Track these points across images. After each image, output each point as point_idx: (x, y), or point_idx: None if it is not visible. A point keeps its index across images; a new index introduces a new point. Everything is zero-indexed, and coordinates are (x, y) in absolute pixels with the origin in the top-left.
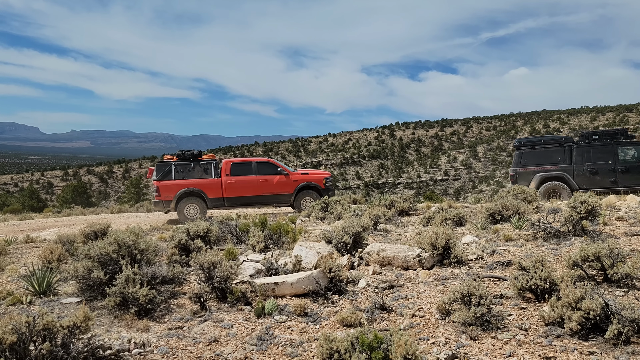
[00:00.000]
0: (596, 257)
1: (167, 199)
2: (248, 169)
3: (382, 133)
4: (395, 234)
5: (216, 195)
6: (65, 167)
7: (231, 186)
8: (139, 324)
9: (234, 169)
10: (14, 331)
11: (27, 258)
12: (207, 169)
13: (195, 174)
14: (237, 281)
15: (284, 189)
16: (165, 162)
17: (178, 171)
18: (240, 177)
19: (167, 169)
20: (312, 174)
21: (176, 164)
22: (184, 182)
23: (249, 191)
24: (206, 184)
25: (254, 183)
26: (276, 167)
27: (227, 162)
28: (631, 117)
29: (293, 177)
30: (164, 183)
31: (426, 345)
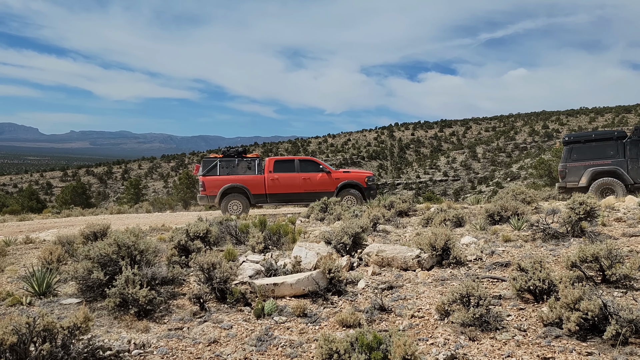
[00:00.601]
0: (595, 258)
1: (211, 194)
2: (291, 167)
3: (381, 134)
4: (395, 235)
5: (259, 192)
6: (64, 168)
7: (274, 183)
8: (139, 324)
9: (276, 166)
10: (15, 332)
11: (26, 259)
12: (251, 166)
13: (239, 170)
14: (236, 282)
15: (325, 187)
16: (210, 159)
17: (223, 167)
18: (282, 174)
19: (212, 165)
20: (354, 173)
21: (221, 160)
22: (228, 178)
23: (291, 188)
24: (249, 180)
25: (296, 180)
26: (318, 164)
27: (271, 159)
28: (630, 117)
29: (335, 175)
30: (209, 178)
31: (425, 346)
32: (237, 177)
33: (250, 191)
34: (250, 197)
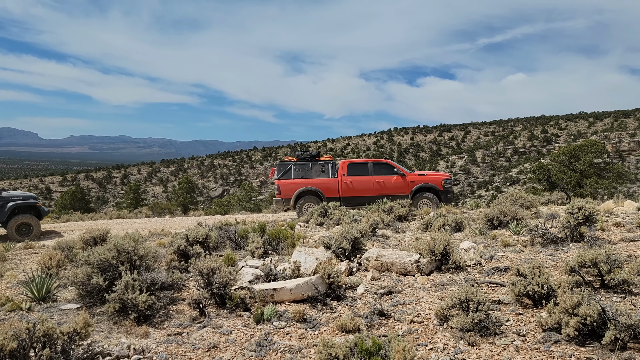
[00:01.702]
0: (593, 263)
1: (286, 197)
2: (364, 169)
3: (380, 138)
4: (394, 240)
5: (332, 195)
6: (63, 173)
7: (347, 186)
8: (138, 330)
9: (350, 169)
10: (15, 337)
11: (26, 264)
12: (325, 169)
13: (313, 173)
14: (236, 287)
15: (400, 189)
16: (285, 162)
17: (297, 170)
18: (356, 177)
19: (287, 169)
20: (430, 175)
21: (295, 163)
22: (302, 182)
23: (364, 191)
24: (323, 183)
25: (370, 183)
26: (392, 167)
27: (344, 162)
28: (629, 122)
29: (410, 178)
30: (284, 182)
31: (424, 351)
32: (311, 181)
33: (324, 194)
34: (324, 200)
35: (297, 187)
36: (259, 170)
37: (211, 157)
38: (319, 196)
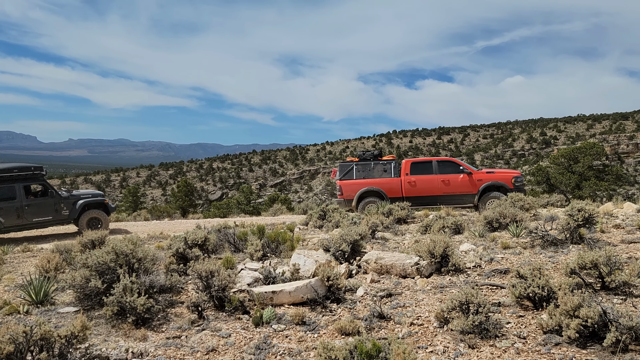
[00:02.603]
0: (594, 264)
1: (348, 197)
2: (428, 168)
3: (379, 141)
4: (393, 242)
5: (396, 195)
6: (62, 176)
7: (411, 186)
8: (137, 333)
9: (413, 168)
10: (11, 341)
11: (24, 267)
12: (387, 169)
13: (375, 173)
14: (235, 290)
15: (466, 188)
16: (347, 162)
17: (359, 170)
18: (420, 177)
19: (349, 169)
20: (499, 173)
21: (357, 164)
22: (364, 182)
23: (429, 190)
24: (385, 183)
25: (434, 182)
26: (458, 166)
27: (407, 161)
28: (627, 124)
29: (477, 176)
30: (345, 182)
31: (424, 354)
32: (373, 181)
33: (387, 194)
34: (387, 200)
35: (359, 187)
36: (257, 173)
37: (210, 160)
38: (381, 196)
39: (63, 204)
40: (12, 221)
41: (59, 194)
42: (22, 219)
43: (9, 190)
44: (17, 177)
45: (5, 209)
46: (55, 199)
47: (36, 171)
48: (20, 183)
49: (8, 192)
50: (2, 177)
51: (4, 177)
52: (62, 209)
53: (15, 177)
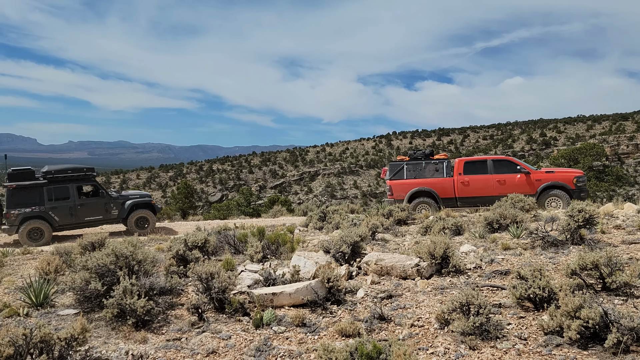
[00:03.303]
0: (594, 265)
1: (398, 197)
2: (483, 168)
3: (379, 142)
4: (394, 244)
5: (448, 195)
6: None
7: (464, 186)
8: (137, 335)
9: (467, 168)
10: (11, 344)
11: (24, 270)
12: (439, 168)
13: (426, 173)
14: (235, 292)
15: (523, 188)
16: (397, 162)
17: (409, 170)
18: (474, 176)
19: (399, 169)
20: (560, 173)
21: (408, 163)
22: (416, 182)
23: (483, 191)
24: (437, 183)
25: (489, 182)
26: (515, 165)
27: (460, 160)
28: (627, 125)
29: (535, 175)
30: (395, 182)
31: (425, 355)
32: (424, 181)
33: (439, 195)
34: (439, 200)
35: (410, 187)
36: (257, 174)
37: (210, 162)
38: (433, 197)
39: (113, 204)
40: (66, 220)
41: (109, 194)
42: (75, 218)
43: (63, 191)
44: (71, 177)
45: (60, 208)
46: (106, 199)
47: (88, 172)
48: (74, 183)
49: (62, 192)
50: (57, 178)
51: (58, 178)
52: (111, 208)
53: (68, 178)
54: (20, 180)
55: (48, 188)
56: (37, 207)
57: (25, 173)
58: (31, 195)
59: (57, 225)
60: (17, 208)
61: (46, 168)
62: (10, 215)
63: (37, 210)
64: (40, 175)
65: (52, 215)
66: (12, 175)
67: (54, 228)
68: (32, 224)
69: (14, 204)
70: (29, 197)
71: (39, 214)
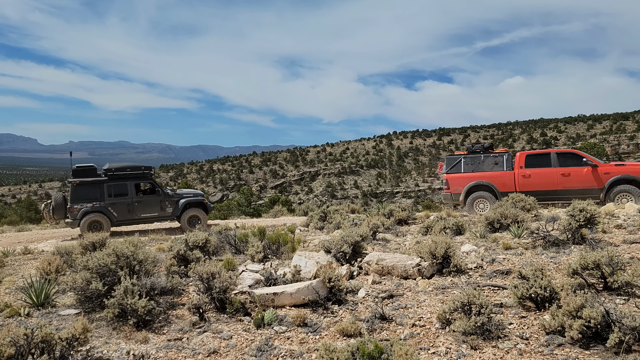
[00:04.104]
0: (596, 265)
1: (455, 192)
2: (546, 161)
3: (380, 142)
4: (394, 243)
5: (508, 190)
6: (63, 178)
7: (525, 179)
8: (138, 335)
9: (529, 161)
10: (12, 343)
11: (25, 270)
12: (498, 162)
13: (485, 166)
14: (236, 292)
15: (590, 182)
16: (454, 156)
17: (467, 164)
18: (536, 170)
19: (456, 162)
20: (631, 166)
21: (465, 157)
22: (473, 175)
23: (546, 185)
24: (497, 177)
25: (552, 176)
26: (581, 157)
27: (522, 153)
28: (628, 125)
29: (603, 169)
30: (452, 176)
31: (427, 355)
32: (483, 174)
33: (498, 189)
34: (498, 195)
35: (467, 181)
36: (258, 174)
37: (210, 162)
38: (492, 191)
39: (168, 202)
40: (124, 216)
41: (164, 192)
42: (132, 214)
43: (122, 188)
44: (129, 175)
45: (118, 204)
46: (161, 197)
47: (146, 170)
48: (132, 181)
49: (121, 189)
50: (117, 175)
51: (118, 175)
52: (166, 206)
53: (127, 176)
54: (83, 176)
55: (108, 185)
56: (98, 202)
57: (88, 170)
58: (92, 191)
59: (115, 220)
60: (79, 203)
61: (107, 165)
62: (73, 210)
63: (97, 206)
64: (101, 172)
65: (111, 211)
66: (76, 172)
67: (113, 223)
68: (92, 218)
69: (77, 199)
70: (91, 192)
71: (99, 209)
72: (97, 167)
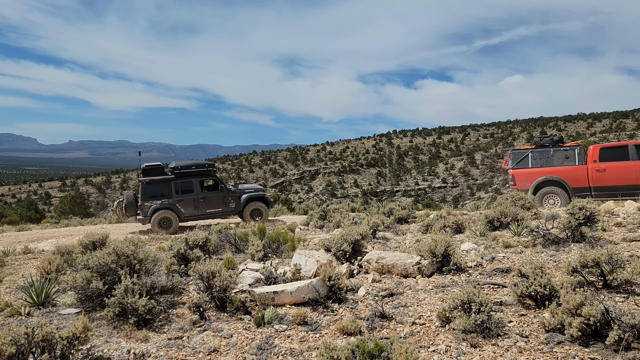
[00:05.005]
0: (595, 263)
1: (523, 188)
2: (624, 154)
3: (379, 141)
4: (394, 242)
5: (580, 185)
6: (63, 178)
7: (600, 174)
8: (138, 334)
9: (603, 155)
10: (13, 343)
11: (25, 269)
12: (569, 156)
13: (554, 160)
14: (236, 290)
15: None
16: (521, 150)
17: (535, 158)
18: (612, 164)
19: (523, 157)
20: None
21: (533, 151)
22: (542, 170)
23: (624, 180)
24: (568, 171)
25: (631, 170)
26: None
27: (596, 146)
28: (628, 123)
29: None
30: (519, 171)
31: (427, 353)
32: (552, 169)
33: (570, 184)
34: (570, 190)
35: (536, 176)
36: (258, 174)
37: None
38: (562, 186)
39: (231, 197)
40: (190, 211)
41: (227, 188)
42: (198, 210)
43: (188, 185)
44: (194, 172)
45: (185, 200)
46: (225, 192)
47: (209, 168)
48: (197, 178)
49: (187, 186)
50: (183, 173)
51: (184, 173)
52: (229, 201)
53: (192, 173)
54: (152, 175)
55: (175, 182)
56: (166, 199)
57: (156, 169)
58: (161, 188)
59: (182, 216)
60: (149, 200)
61: (173, 164)
62: (144, 207)
63: (166, 203)
64: (168, 170)
65: (179, 207)
66: (145, 171)
67: (181, 219)
68: (161, 215)
69: (147, 196)
70: (159, 190)
71: (167, 206)
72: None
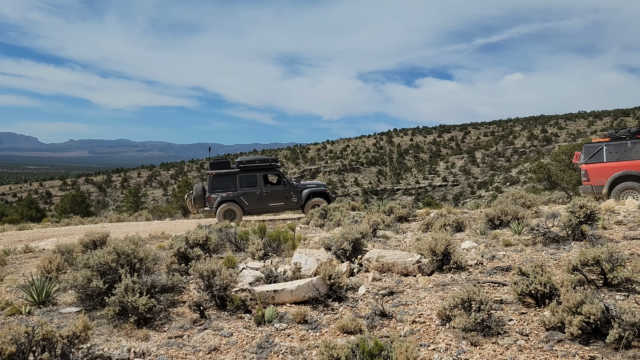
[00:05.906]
0: (596, 261)
1: (597, 184)
2: None
3: (380, 139)
4: (395, 240)
5: None
6: (63, 177)
7: None
8: (139, 333)
9: None
10: (13, 341)
11: (25, 268)
12: None
13: (633, 154)
14: (236, 289)
15: None
16: (594, 144)
17: (610, 152)
18: None
19: (596, 151)
20: None
21: (608, 144)
22: (619, 165)
23: None
24: None
25: None
26: None
27: None
28: (629, 121)
29: None
30: (593, 166)
31: (427, 352)
32: (631, 163)
33: None
34: None
35: (612, 171)
36: None
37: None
38: None
39: (293, 192)
40: (254, 205)
41: (290, 183)
42: (261, 204)
43: (252, 179)
44: (258, 167)
45: (249, 194)
46: (287, 187)
47: (273, 163)
48: (261, 173)
49: (252, 180)
50: (248, 167)
51: (249, 167)
52: (291, 196)
53: (257, 167)
54: (219, 169)
55: (240, 176)
56: (232, 192)
57: (223, 163)
58: (227, 182)
59: (247, 209)
60: (216, 192)
61: (239, 158)
62: (211, 199)
63: (231, 195)
64: (234, 164)
65: (243, 200)
66: (213, 165)
67: (245, 212)
68: (226, 207)
69: (214, 189)
70: (226, 183)
71: (232, 198)
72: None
